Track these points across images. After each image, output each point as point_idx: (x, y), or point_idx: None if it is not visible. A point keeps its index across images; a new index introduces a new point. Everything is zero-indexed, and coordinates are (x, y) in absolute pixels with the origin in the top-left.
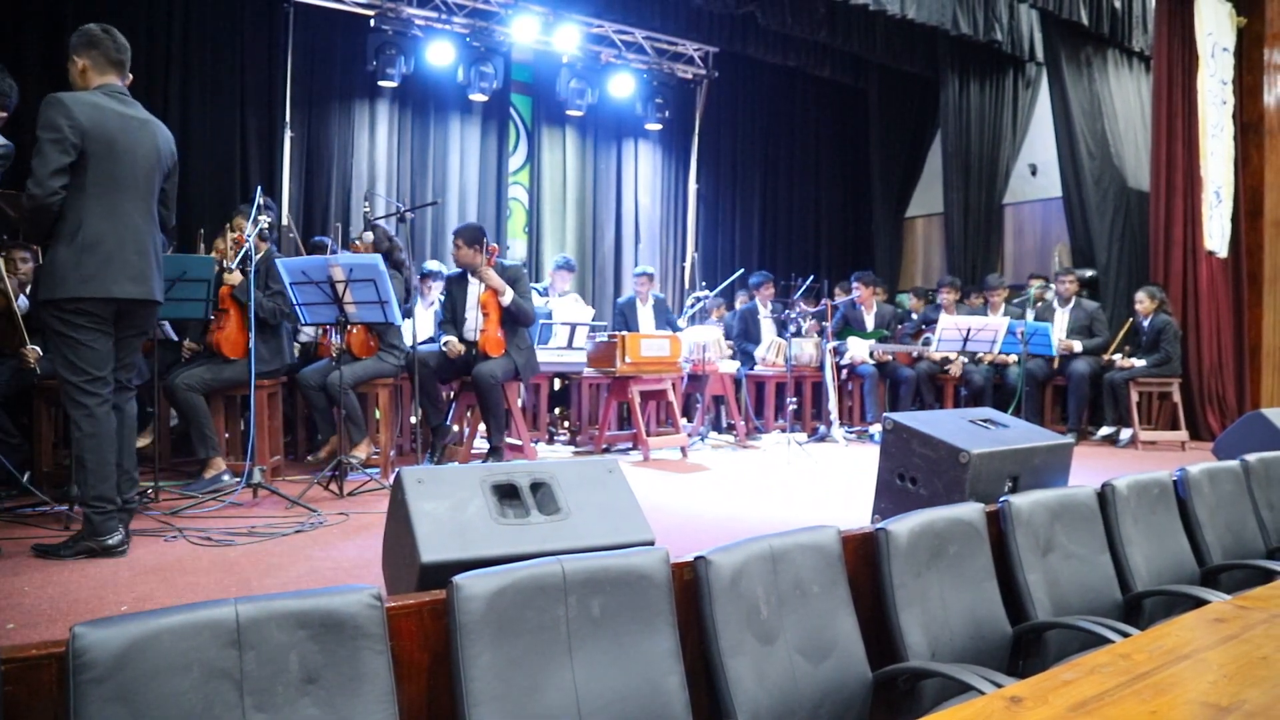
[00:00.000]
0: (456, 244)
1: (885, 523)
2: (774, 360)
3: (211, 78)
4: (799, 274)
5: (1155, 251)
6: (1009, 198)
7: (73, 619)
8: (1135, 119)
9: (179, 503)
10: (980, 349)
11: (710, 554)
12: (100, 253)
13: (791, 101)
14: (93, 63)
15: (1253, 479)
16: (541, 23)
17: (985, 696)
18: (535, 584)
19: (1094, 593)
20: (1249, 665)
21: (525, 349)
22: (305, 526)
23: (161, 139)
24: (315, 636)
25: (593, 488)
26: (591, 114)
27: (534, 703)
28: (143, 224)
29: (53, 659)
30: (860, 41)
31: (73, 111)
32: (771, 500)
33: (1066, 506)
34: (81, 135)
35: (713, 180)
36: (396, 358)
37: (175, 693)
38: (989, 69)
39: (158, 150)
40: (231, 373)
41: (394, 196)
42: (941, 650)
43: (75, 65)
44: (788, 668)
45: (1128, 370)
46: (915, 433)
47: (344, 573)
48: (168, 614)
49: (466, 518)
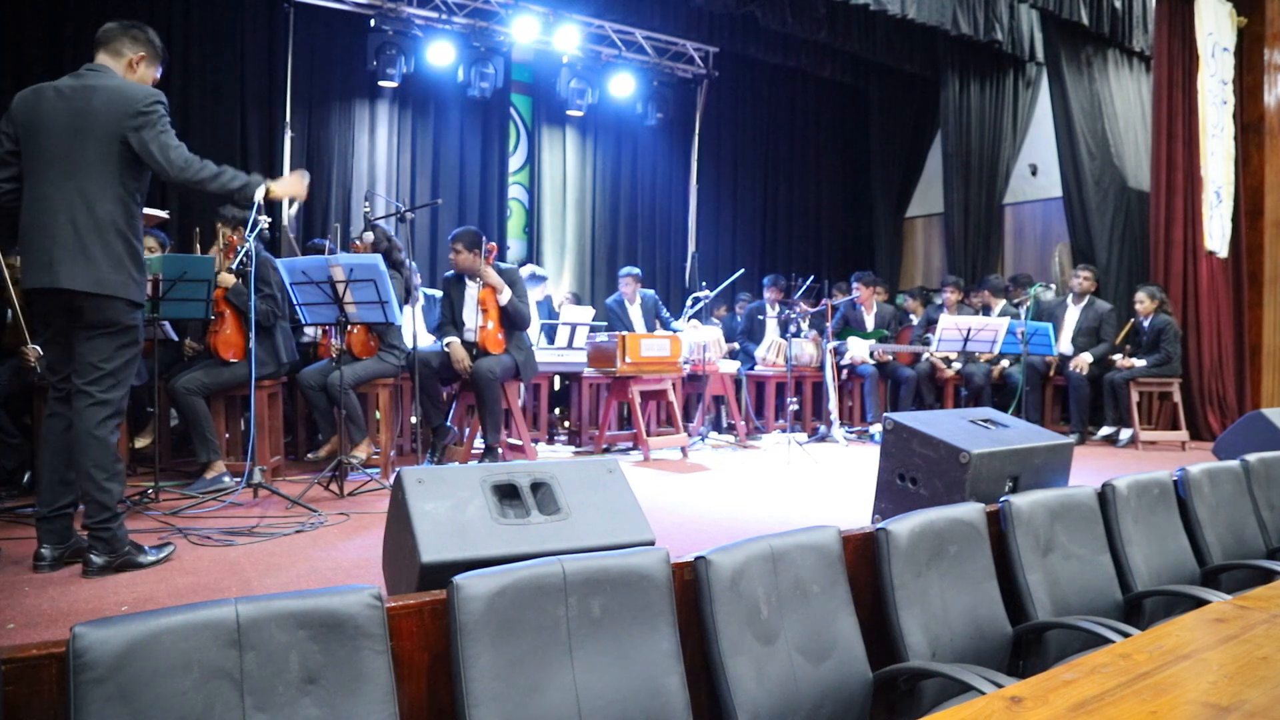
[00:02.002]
0: (456, 249)
1: (885, 523)
2: (774, 360)
3: (212, 78)
4: (799, 274)
5: (1155, 251)
6: (1009, 198)
7: (73, 619)
8: (1135, 119)
9: (179, 503)
10: (980, 349)
11: (710, 554)
12: (25, 245)
13: (792, 101)
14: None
15: (1253, 479)
16: (541, 22)
17: (985, 696)
18: (535, 584)
19: (1094, 593)
20: (1249, 665)
21: (525, 350)
22: (305, 527)
23: (101, 99)
24: (316, 636)
25: (593, 488)
26: (591, 114)
27: (534, 703)
28: (59, 202)
29: (53, 659)
30: (860, 41)
31: (12, 105)
32: (772, 500)
33: (1067, 506)
34: (14, 125)
35: (713, 180)
36: (397, 358)
37: (176, 693)
38: (989, 69)
39: (89, 112)
40: (229, 375)
41: (394, 196)
42: (942, 650)
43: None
44: (788, 668)
45: (1128, 370)
46: (915, 433)
47: (344, 573)
48: (168, 614)
49: (467, 518)
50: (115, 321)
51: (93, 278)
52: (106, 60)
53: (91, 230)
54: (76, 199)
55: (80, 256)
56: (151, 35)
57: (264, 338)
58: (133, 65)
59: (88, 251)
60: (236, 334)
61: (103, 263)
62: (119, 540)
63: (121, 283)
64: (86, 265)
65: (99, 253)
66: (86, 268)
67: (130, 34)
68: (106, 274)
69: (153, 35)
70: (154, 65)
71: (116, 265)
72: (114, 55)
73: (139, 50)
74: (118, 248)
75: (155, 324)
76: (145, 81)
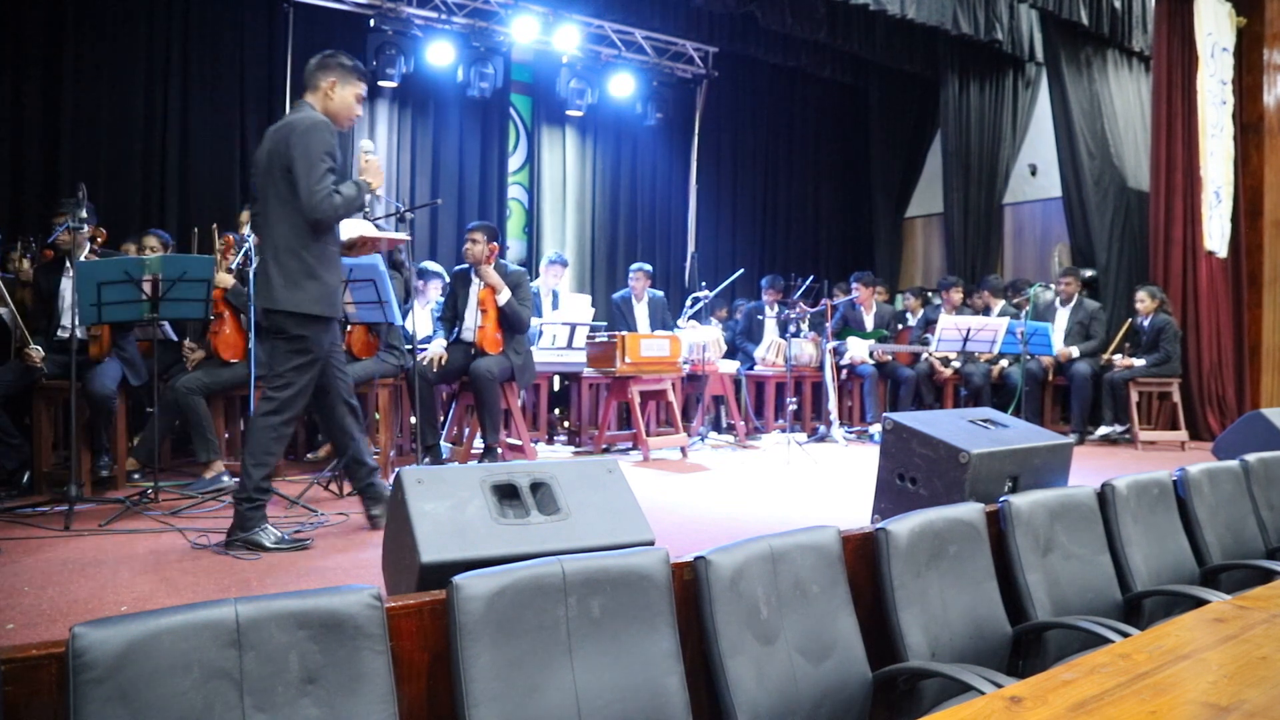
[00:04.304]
0: (474, 238)
1: (885, 523)
2: (774, 360)
3: (211, 77)
4: (799, 274)
5: (1155, 251)
6: (1009, 198)
7: (72, 619)
8: (1135, 119)
9: (179, 503)
10: (980, 349)
11: (710, 554)
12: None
13: (791, 101)
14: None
15: (1252, 479)
16: (541, 22)
17: (985, 696)
18: (535, 584)
19: (1094, 593)
20: (1249, 665)
21: (523, 353)
22: (305, 527)
23: (281, 134)
24: (315, 637)
25: (593, 488)
26: (591, 114)
27: (534, 703)
28: (260, 229)
29: (53, 659)
30: (860, 41)
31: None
32: (771, 500)
33: (1066, 506)
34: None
35: (713, 180)
36: (396, 358)
37: (175, 693)
38: (989, 69)
39: (266, 154)
40: (230, 375)
41: (393, 196)
42: (941, 650)
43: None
44: (788, 668)
45: (1127, 370)
46: (915, 433)
47: (344, 573)
48: (168, 614)
49: (466, 518)
50: (284, 331)
51: (268, 295)
52: (307, 97)
53: (270, 253)
54: (263, 226)
55: (263, 276)
56: (342, 58)
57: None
58: (328, 93)
59: (267, 271)
60: (236, 334)
61: (276, 281)
62: (244, 518)
63: (291, 299)
64: (266, 284)
65: (274, 272)
66: (265, 286)
67: (321, 64)
68: (279, 291)
69: (344, 58)
70: (349, 84)
71: (289, 283)
72: (312, 90)
73: (330, 76)
74: (291, 267)
75: (154, 324)
76: (345, 103)
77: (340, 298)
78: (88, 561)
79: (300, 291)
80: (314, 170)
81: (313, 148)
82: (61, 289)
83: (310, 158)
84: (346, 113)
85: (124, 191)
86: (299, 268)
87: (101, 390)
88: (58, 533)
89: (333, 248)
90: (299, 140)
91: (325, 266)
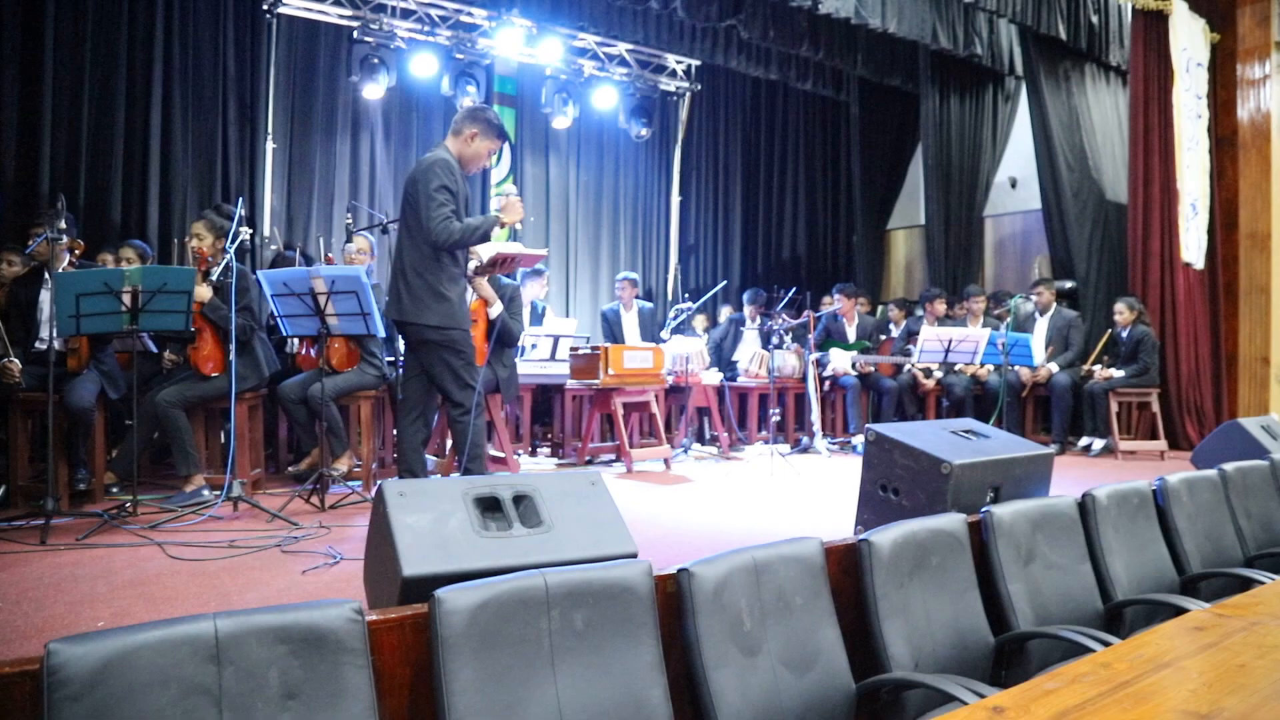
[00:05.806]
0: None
1: (868, 534)
2: (757, 371)
3: (194, 88)
4: (781, 285)
5: (1133, 263)
6: (989, 210)
7: (48, 635)
8: (1113, 132)
9: (158, 516)
10: (961, 360)
11: (693, 566)
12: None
13: (773, 114)
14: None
15: (1230, 488)
16: (525, 35)
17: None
18: (518, 597)
19: (1075, 602)
20: (1228, 673)
21: (509, 366)
22: (286, 540)
23: (409, 176)
24: (296, 652)
25: (575, 500)
26: (574, 126)
27: (517, 717)
28: (402, 251)
29: (27, 676)
30: (841, 55)
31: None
32: (754, 512)
33: (1048, 516)
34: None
35: (695, 192)
36: (377, 369)
37: (153, 710)
38: (969, 83)
39: (411, 179)
40: (209, 388)
41: (376, 208)
42: (924, 661)
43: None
44: (771, 679)
45: (1107, 381)
46: (897, 444)
47: (325, 586)
48: (145, 629)
49: (448, 531)
50: (423, 340)
51: (397, 308)
52: (449, 139)
53: (399, 274)
54: (398, 249)
55: (394, 292)
56: (489, 115)
57: (244, 351)
58: (468, 140)
59: (398, 288)
60: (214, 348)
61: (404, 298)
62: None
63: (415, 311)
64: (396, 299)
65: (403, 289)
66: (395, 300)
67: (470, 115)
68: (406, 306)
69: (491, 115)
70: (488, 138)
71: (415, 300)
72: (455, 134)
73: (474, 127)
74: (417, 285)
75: (134, 336)
76: (479, 153)
77: (466, 313)
78: (64, 577)
79: (425, 309)
80: (432, 202)
81: (432, 183)
82: (40, 300)
83: (430, 191)
84: (477, 162)
85: (104, 203)
86: (422, 286)
87: (79, 403)
88: (33, 547)
89: (455, 269)
90: (423, 176)
91: (448, 286)
